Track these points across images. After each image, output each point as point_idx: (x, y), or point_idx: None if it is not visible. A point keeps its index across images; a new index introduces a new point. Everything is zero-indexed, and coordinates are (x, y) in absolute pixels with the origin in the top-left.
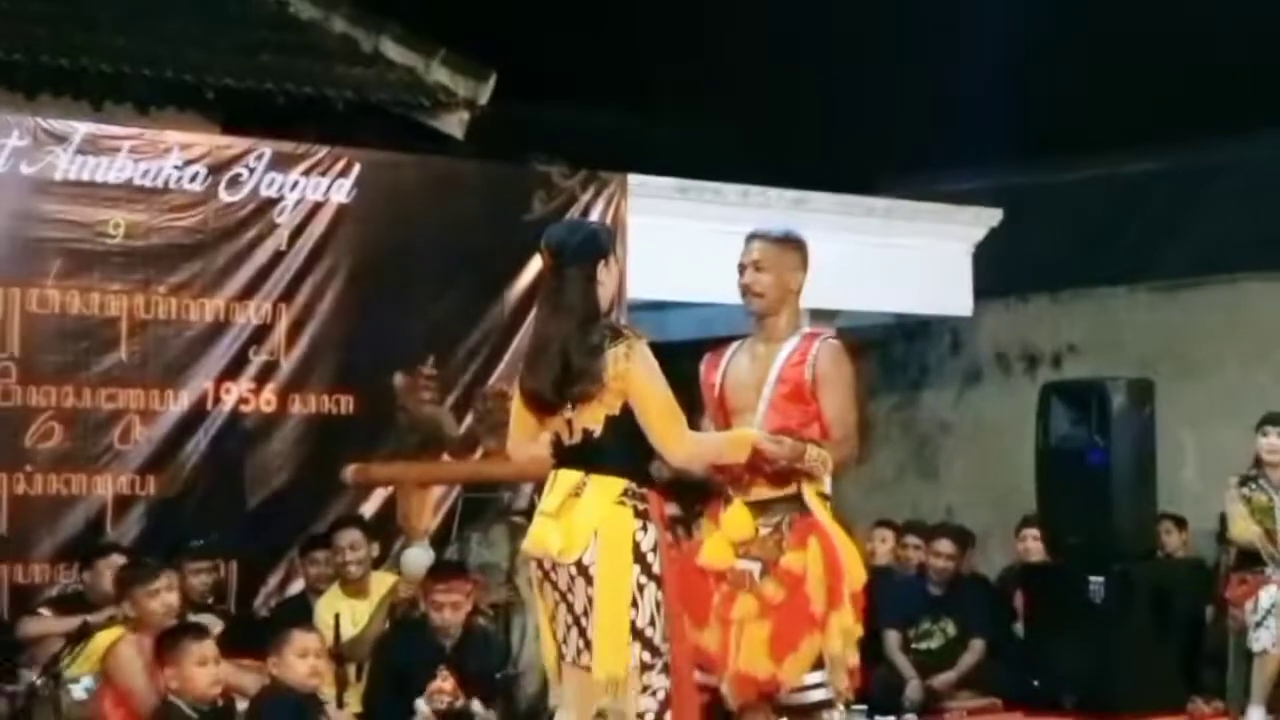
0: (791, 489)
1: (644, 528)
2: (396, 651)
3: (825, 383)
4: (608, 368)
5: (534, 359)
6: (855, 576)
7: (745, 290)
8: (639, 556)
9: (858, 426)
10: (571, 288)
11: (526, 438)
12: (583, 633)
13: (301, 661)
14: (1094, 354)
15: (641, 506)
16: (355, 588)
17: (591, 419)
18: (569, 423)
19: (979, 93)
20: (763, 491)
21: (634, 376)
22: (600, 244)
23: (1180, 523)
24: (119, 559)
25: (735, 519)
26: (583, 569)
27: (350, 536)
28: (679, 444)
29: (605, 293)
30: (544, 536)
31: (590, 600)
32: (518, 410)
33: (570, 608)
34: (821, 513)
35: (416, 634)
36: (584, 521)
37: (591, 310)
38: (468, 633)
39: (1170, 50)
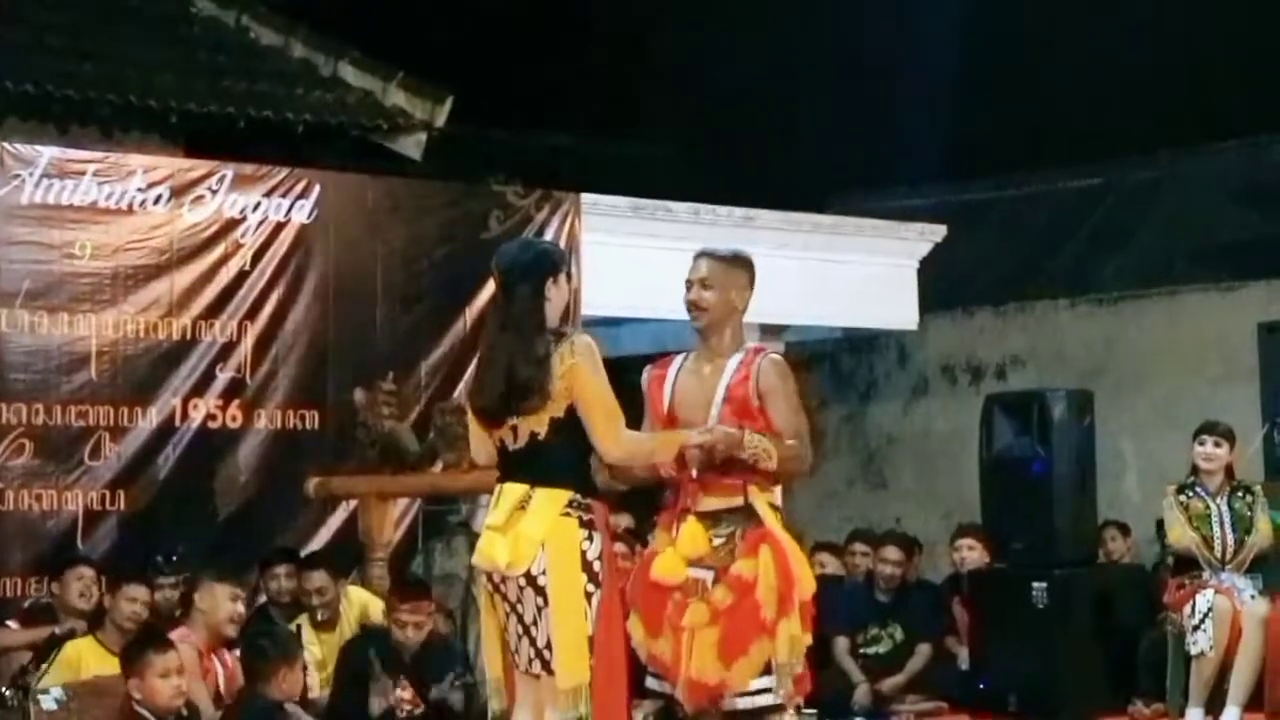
0: (741, 499)
1: (589, 537)
2: (357, 659)
3: (771, 395)
4: (554, 374)
5: (481, 374)
6: (805, 586)
7: (691, 306)
8: (585, 566)
9: (810, 436)
10: (518, 304)
11: (485, 448)
12: (533, 642)
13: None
14: (1037, 365)
15: (587, 517)
16: (324, 626)
17: (537, 422)
18: (514, 429)
19: (922, 111)
20: (714, 502)
21: (579, 371)
22: (548, 262)
23: (1124, 529)
24: (87, 571)
25: (690, 536)
26: (531, 580)
27: (319, 580)
28: (616, 441)
29: (554, 309)
30: (491, 550)
31: (539, 611)
32: (473, 424)
33: (520, 618)
34: (773, 522)
35: (378, 642)
36: (530, 534)
37: (538, 325)
38: (428, 642)
39: (1108, 68)
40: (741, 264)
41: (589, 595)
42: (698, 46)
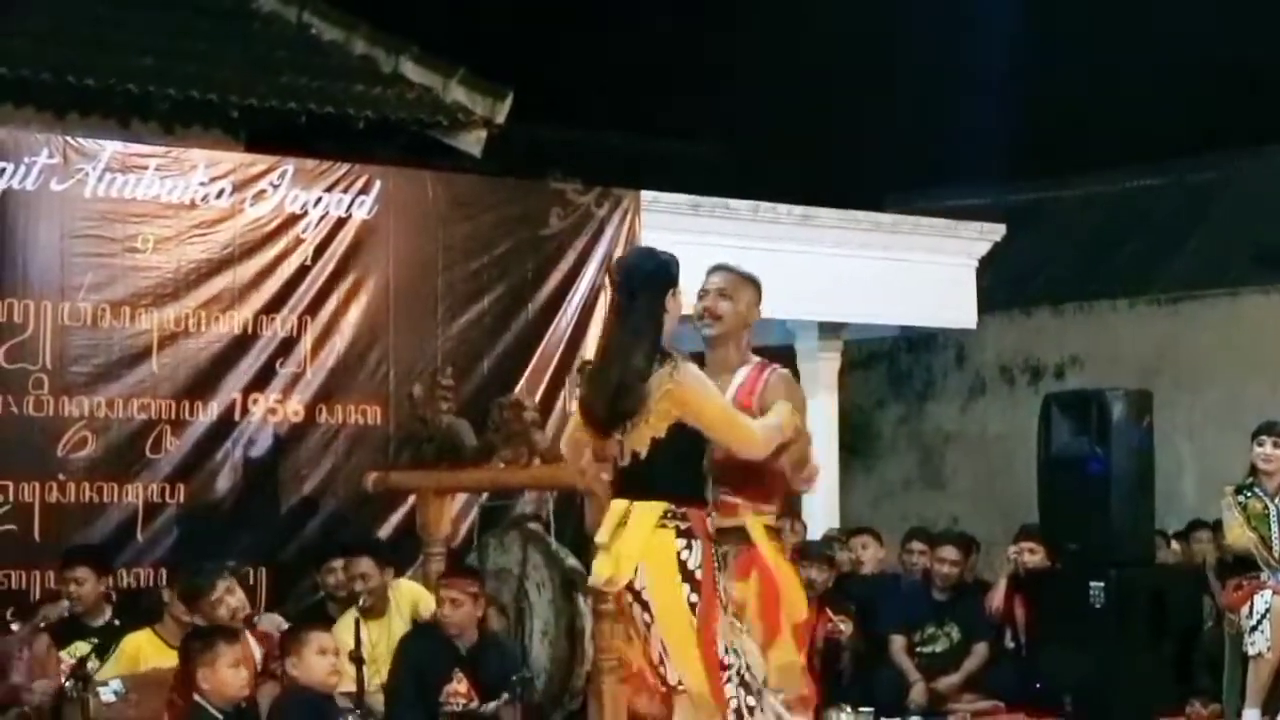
0: (739, 520)
1: (688, 546)
2: (414, 654)
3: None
4: (652, 392)
5: (594, 377)
6: (797, 610)
7: (706, 313)
8: (687, 575)
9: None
10: (638, 314)
11: (575, 446)
12: (646, 656)
13: (321, 660)
14: (1095, 365)
15: (684, 526)
16: (371, 614)
17: (639, 441)
18: (620, 445)
19: (983, 111)
20: (718, 520)
21: (685, 396)
22: (670, 274)
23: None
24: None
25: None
26: (635, 594)
27: (362, 566)
28: (751, 441)
29: (671, 320)
30: (598, 568)
31: (647, 626)
32: (573, 423)
33: (638, 633)
34: (765, 545)
35: (432, 637)
36: (628, 550)
37: (655, 337)
38: (482, 636)
39: (1171, 69)
40: (754, 283)
41: (693, 605)
42: (757, 45)
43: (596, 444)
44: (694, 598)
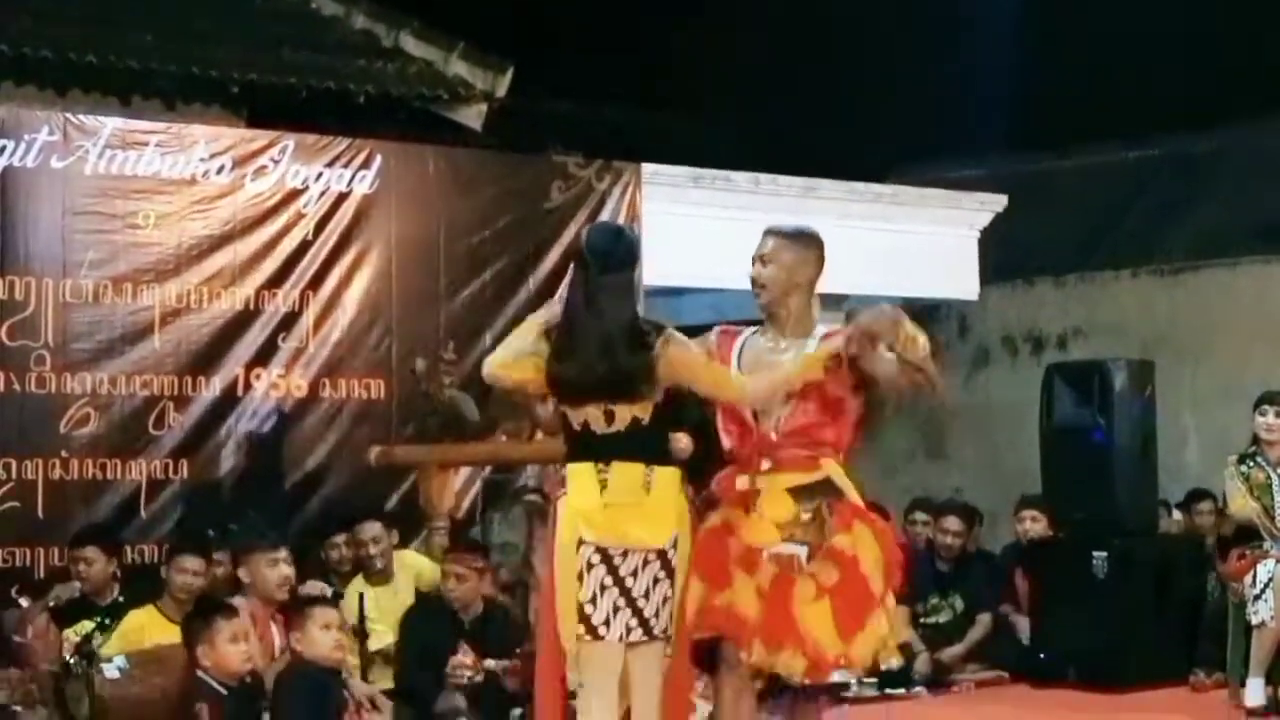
0: (821, 473)
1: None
2: (419, 628)
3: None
4: (655, 363)
5: (569, 351)
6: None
7: (752, 282)
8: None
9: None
10: (613, 294)
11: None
12: (637, 612)
13: (325, 634)
14: (1098, 336)
15: (690, 494)
16: (379, 577)
17: (641, 409)
18: (609, 413)
19: (985, 82)
20: (792, 479)
21: (676, 362)
22: (638, 252)
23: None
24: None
25: (776, 502)
26: (661, 554)
27: (372, 530)
28: (742, 394)
29: (638, 293)
30: (621, 527)
31: (654, 583)
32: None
33: (626, 591)
34: (854, 492)
35: (436, 610)
36: (664, 514)
37: (633, 314)
38: (486, 609)
39: (1170, 39)
40: (806, 240)
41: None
42: (758, 17)
43: (546, 414)
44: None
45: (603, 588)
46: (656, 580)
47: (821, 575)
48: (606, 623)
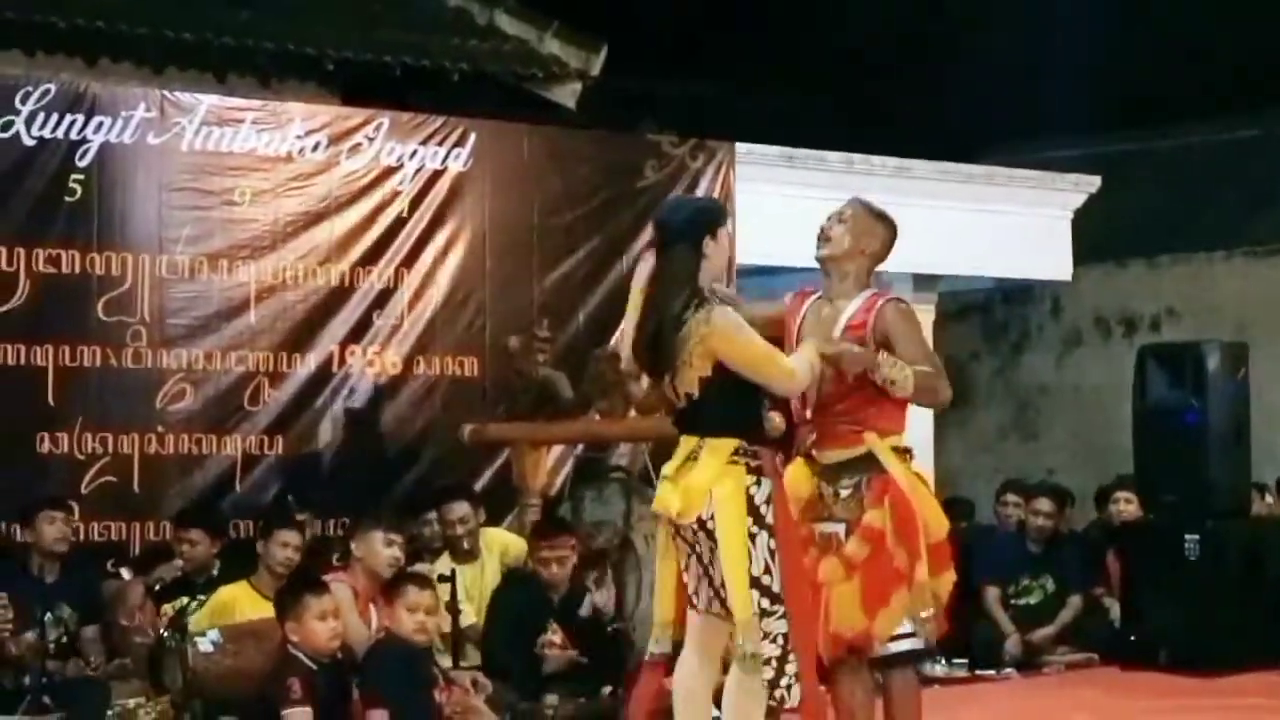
0: (863, 448)
1: (758, 482)
2: (509, 605)
3: (897, 337)
4: (690, 336)
5: (641, 325)
6: (935, 529)
7: (821, 232)
8: (752, 509)
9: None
10: (674, 263)
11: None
12: (711, 583)
13: (410, 616)
14: (1191, 318)
15: (754, 463)
16: (466, 556)
17: (688, 383)
18: (674, 388)
19: (1079, 61)
20: (835, 454)
21: (717, 338)
22: (705, 220)
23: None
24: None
25: (794, 478)
26: (703, 524)
27: (459, 510)
28: (787, 379)
29: (714, 265)
30: (665, 498)
31: (711, 553)
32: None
33: (700, 559)
34: (896, 467)
35: (526, 588)
36: (699, 483)
37: (690, 284)
38: (574, 588)
39: (1267, 16)
40: (882, 217)
41: (753, 536)
42: None
43: (640, 392)
44: (755, 529)
45: (687, 556)
46: (712, 551)
47: (850, 552)
48: (697, 591)
